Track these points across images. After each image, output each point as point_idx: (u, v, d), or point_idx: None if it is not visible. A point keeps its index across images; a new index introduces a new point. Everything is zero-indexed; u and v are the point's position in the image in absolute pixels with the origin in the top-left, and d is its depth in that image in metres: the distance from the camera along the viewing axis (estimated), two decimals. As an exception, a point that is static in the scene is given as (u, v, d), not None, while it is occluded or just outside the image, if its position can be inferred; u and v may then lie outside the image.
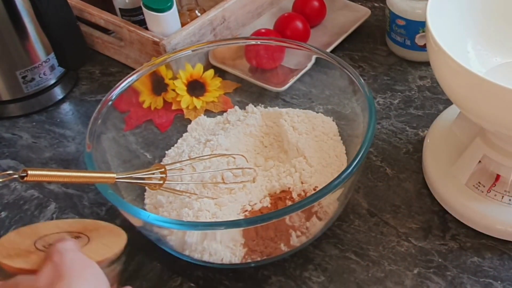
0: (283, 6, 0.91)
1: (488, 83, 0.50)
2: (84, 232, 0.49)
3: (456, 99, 0.58)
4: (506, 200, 0.60)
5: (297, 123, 0.67)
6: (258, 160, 0.65)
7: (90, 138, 0.59)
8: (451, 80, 0.56)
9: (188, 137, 0.69)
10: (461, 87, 0.54)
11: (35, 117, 0.79)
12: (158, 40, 0.77)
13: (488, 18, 0.65)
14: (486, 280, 0.59)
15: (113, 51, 0.85)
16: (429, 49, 0.57)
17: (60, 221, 0.52)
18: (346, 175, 0.53)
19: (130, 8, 0.83)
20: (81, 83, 0.84)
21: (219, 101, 0.73)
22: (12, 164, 0.73)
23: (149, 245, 0.61)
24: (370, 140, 0.56)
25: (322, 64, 0.67)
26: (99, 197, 0.67)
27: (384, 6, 0.84)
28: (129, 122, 0.67)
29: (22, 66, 0.77)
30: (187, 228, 0.54)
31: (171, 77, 0.69)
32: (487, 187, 0.61)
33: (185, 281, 0.60)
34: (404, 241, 0.62)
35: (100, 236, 0.50)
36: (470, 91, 0.53)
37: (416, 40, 0.81)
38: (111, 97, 0.63)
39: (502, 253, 0.61)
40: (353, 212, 0.65)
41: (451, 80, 0.56)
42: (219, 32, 0.82)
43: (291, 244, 0.57)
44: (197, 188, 0.61)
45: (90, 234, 0.49)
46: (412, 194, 0.67)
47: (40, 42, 0.78)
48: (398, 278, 0.59)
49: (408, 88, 0.79)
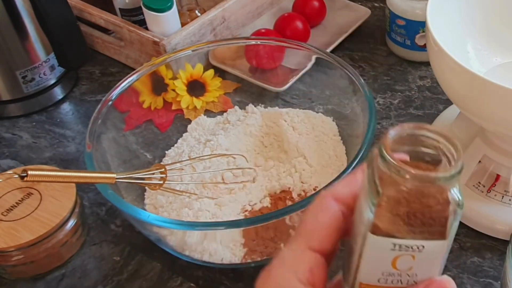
0: (283, 6, 0.91)
1: (488, 83, 0.50)
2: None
3: (456, 99, 0.58)
4: (506, 200, 0.60)
5: (297, 123, 0.67)
6: (258, 160, 0.65)
7: (90, 138, 0.59)
8: (451, 80, 0.56)
9: (188, 137, 0.69)
10: (461, 87, 0.54)
11: (35, 117, 0.79)
12: (158, 40, 0.77)
13: (488, 18, 0.65)
14: (486, 280, 0.59)
15: (113, 51, 0.85)
16: (429, 49, 0.57)
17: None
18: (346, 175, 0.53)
19: (130, 8, 0.83)
20: (81, 83, 0.84)
21: (219, 101, 0.73)
22: (12, 164, 0.73)
23: (149, 245, 0.61)
24: (370, 140, 0.56)
25: (322, 64, 0.67)
26: (99, 197, 0.67)
27: (384, 6, 0.84)
28: (129, 122, 0.67)
29: (22, 66, 0.77)
30: (187, 228, 0.54)
31: (171, 77, 0.69)
32: (487, 187, 0.61)
33: (185, 281, 0.60)
34: (404, 241, 0.62)
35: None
36: (470, 91, 0.53)
37: (416, 40, 0.81)
38: (111, 97, 0.63)
39: (502, 253, 0.61)
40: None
41: (451, 80, 0.56)
42: (219, 32, 0.82)
43: (291, 244, 0.57)
44: (197, 188, 0.61)
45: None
46: (412, 194, 0.66)
47: (40, 42, 0.78)
48: (398, 278, 0.59)
49: (408, 88, 0.79)
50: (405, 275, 0.31)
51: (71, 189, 0.61)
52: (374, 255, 0.31)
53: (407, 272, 0.31)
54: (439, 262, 0.32)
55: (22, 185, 0.61)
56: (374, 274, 0.32)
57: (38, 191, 0.61)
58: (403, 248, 0.30)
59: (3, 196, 0.61)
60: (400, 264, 0.31)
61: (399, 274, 0.31)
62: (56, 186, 0.61)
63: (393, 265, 0.31)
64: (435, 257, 0.31)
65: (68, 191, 0.61)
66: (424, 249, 0.30)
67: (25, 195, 0.61)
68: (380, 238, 0.30)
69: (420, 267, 0.31)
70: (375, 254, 0.31)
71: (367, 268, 0.32)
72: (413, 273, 0.31)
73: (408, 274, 0.31)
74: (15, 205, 0.60)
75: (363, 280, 0.32)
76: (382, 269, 0.31)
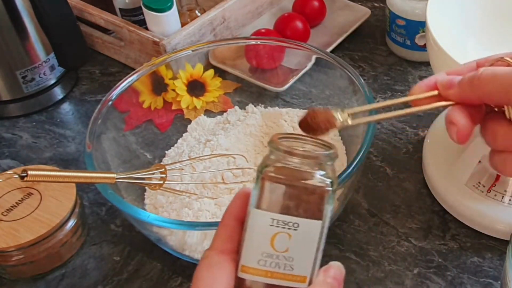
0: (283, 6, 0.91)
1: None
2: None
3: (456, 99, 0.58)
4: (506, 200, 0.60)
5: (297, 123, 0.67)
6: (258, 160, 0.65)
7: (90, 138, 0.59)
8: (451, 80, 0.56)
9: (188, 137, 0.69)
10: (461, 87, 0.54)
11: (35, 117, 0.79)
12: (158, 40, 0.77)
13: (488, 18, 0.65)
14: (486, 280, 0.59)
15: (113, 51, 0.85)
16: (429, 49, 0.57)
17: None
18: (346, 175, 0.53)
19: (130, 8, 0.83)
20: (81, 83, 0.84)
21: (219, 101, 0.72)
22: (12, 164, 0.73)
23: (149, 245, 0.61)
24: (370, 140, 0.56)
25: (322, 64, 0.67)
26: (99, 197, 0.67)
27: (384, 6, 0.84)
28: (129, 122, 0.67)
29: (22, 66, 0.77)
30: (187, 228, 0.54)
31: (171, 77, 0.69)
32: (487, 187, 0.61)
33: (185, 281, 0.60)
34: (404, 241, 0.62)
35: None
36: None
37: (416, 40, 0.81)
38: (111, 97, 0.63)
39: (502, 253, 0.61)
40: (353, 212, 0.65)
41: (451, 80, 0.55)
42: (219, 32, 0.82)
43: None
44: (197, 188, 0.61)
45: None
46: (412, 194, 0.67)
47: (40, 42, 0.78)
48: (398, 278, 0.59)
49: (408, 88, 0.79)
50: (282, 258, 0.35)
51: (71, 189, 0.61)
52: (256, 231, 0.35)
53: (284, 255, 0.35)
54: (314, 247, 0.35)
55: (22, 185, 0.61)
56: (255, 254, 0.35)
57: (38, 191, 0.61)
58: (280, 224, 0.34)
59: (3, 196, 0.61)
60: (278, 243, 0.35)
61: (277, 256, 0.35)
62: (56, 186, 0.61)
63: (272, 244, 0.35)
64: (310, 239, 0.35)
65: (68, 191, 0.61)
66: (299, 228, 0.34)
67: (25, 195, 0.61)
68: (261, 212, 0.35)
69: (296, 249, 0.35)
70: (256, 229, 0.35)
71: (249, 246, 0.35)
72: (290, 256, 0.35)
73: (285, 257, 0.35)
74: (15, 205, 0.60)
75: (245, 262, 0.35)
76: (262, 248, 0.35)
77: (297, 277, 0.35)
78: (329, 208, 0.35)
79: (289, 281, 0.35)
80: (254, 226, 0.35)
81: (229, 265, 0.36)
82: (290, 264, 0.35)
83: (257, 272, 0.35)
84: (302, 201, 0.35)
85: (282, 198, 0.35)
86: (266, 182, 0.35)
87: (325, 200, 0.35)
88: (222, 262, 0.36)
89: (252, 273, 0.35)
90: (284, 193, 0.35)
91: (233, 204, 0.37)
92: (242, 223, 0.36)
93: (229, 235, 0.37)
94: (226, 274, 0.35)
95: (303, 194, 0.35)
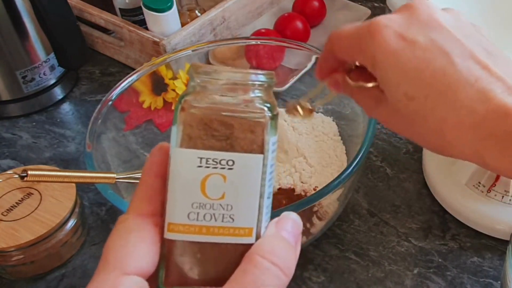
0: (283, 6, 0.91)
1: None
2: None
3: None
4: (506, 200, 0.60)
5: (297, 123, 0.67)
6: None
7: (90, 138, 0.59)
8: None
9: (188, 137, 0.69)
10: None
11: (35, 117, 0.79)
12: (158, 40, 0.77)
13: (488, 18, 0.65)
14: (486, 280, 0.59)
15: (113, 51, 0.85)
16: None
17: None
18: (346, 175, 0.53)
19: (130, 8, 0.83)
20: (81, 83, 0.84)
21: (219, 101, 0.72)
22: (12, 164, 0.73)
23: (149, 245, 0.61)
24: (370, 140, 0.56)
25: (322, 64, 0.67)
26: (99, 197, 0.67)
27: (384, 6, 0.84)
28: (129, 122, 0.67)
29: (22, 66, 0.77)
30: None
31: (171, 77, 0.69)
32: (487, 187, 0.61)
33: (185, 281, 0.60)
34: (404, 241, 0.62)
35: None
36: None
37: (416, 40, 0.81)
38: (111, 97, 0.63)
39: (502, 253, 0.61)
40: (353, 212, 0.65)
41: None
42: (219, 32, 0.82)
43: (291, 244, 0.57)
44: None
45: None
46: (412, 194, 0.67)
47: (40, 42, 0.78)
48: (398, 278, 0.59)
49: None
50: (218, 207, 0.28)
51: (71, 189, 0.61)
52: (181, 177, 0.28)
53: (220, 203, 0.28)
54: (256, 190, 0.28)
55: (22, 185, 0.61)
56: (183, 206, 0.28)
57: (38, 191, 0.61)
58: (211, 162, 0.28)
59: (3, 196, 0.61)
60: (210, 189, 0.28)
61: (211, 205, 0.28)
62: (56, 186, 0.61)
63: (203, 191, 0.28)
64: (250, 179, 0.28)
65: (68, 191, 0.61)
66: (235, 166, 0.28)
67: (25, 195, 0.61)
68: (184, 151, 0.28)
69: (234, 194, 0.28)
70: (182, 174, 0.28)
71: (175, 198, 0.28)
72: (227, 203, 0.28)
73: (222, 206, 0.28)
74: (15, 205, 0.60)
75: (172, 219, 0.28)
76: (192, 198, 0.28)
77: (240, 229, 0.28)
78: (271, 140, 0.29)
79: (230, 236, 0.28)
80: (178, 171, 0.28)
81: (151, 229, 0.29)
82: (230, 214, 0.28)
83: (188, 229, 0.28)
84: (234, 132, 0.28)
85: (209, 131, 0.28)
86: (187, 113, 0.28)
87: (264, 129, 0.28)
88: (140, 227, 0.29)
89: (182, 231, 0.28)
90: (211, 124, 0.28)
91: (151, 158, 0.30)
92: (165, 180, 0.29)
93: (149, 195, 0.30)
94: (146, 240, 0.29)
95: (235, 123, 0.28)
